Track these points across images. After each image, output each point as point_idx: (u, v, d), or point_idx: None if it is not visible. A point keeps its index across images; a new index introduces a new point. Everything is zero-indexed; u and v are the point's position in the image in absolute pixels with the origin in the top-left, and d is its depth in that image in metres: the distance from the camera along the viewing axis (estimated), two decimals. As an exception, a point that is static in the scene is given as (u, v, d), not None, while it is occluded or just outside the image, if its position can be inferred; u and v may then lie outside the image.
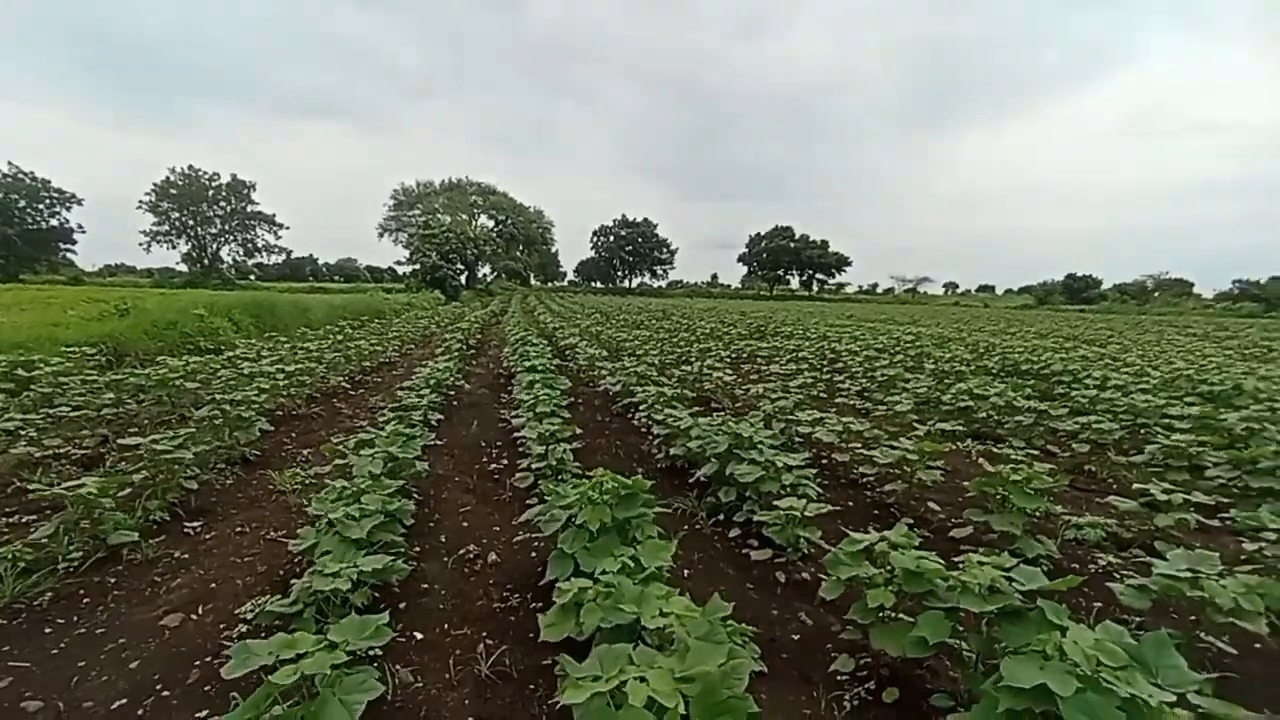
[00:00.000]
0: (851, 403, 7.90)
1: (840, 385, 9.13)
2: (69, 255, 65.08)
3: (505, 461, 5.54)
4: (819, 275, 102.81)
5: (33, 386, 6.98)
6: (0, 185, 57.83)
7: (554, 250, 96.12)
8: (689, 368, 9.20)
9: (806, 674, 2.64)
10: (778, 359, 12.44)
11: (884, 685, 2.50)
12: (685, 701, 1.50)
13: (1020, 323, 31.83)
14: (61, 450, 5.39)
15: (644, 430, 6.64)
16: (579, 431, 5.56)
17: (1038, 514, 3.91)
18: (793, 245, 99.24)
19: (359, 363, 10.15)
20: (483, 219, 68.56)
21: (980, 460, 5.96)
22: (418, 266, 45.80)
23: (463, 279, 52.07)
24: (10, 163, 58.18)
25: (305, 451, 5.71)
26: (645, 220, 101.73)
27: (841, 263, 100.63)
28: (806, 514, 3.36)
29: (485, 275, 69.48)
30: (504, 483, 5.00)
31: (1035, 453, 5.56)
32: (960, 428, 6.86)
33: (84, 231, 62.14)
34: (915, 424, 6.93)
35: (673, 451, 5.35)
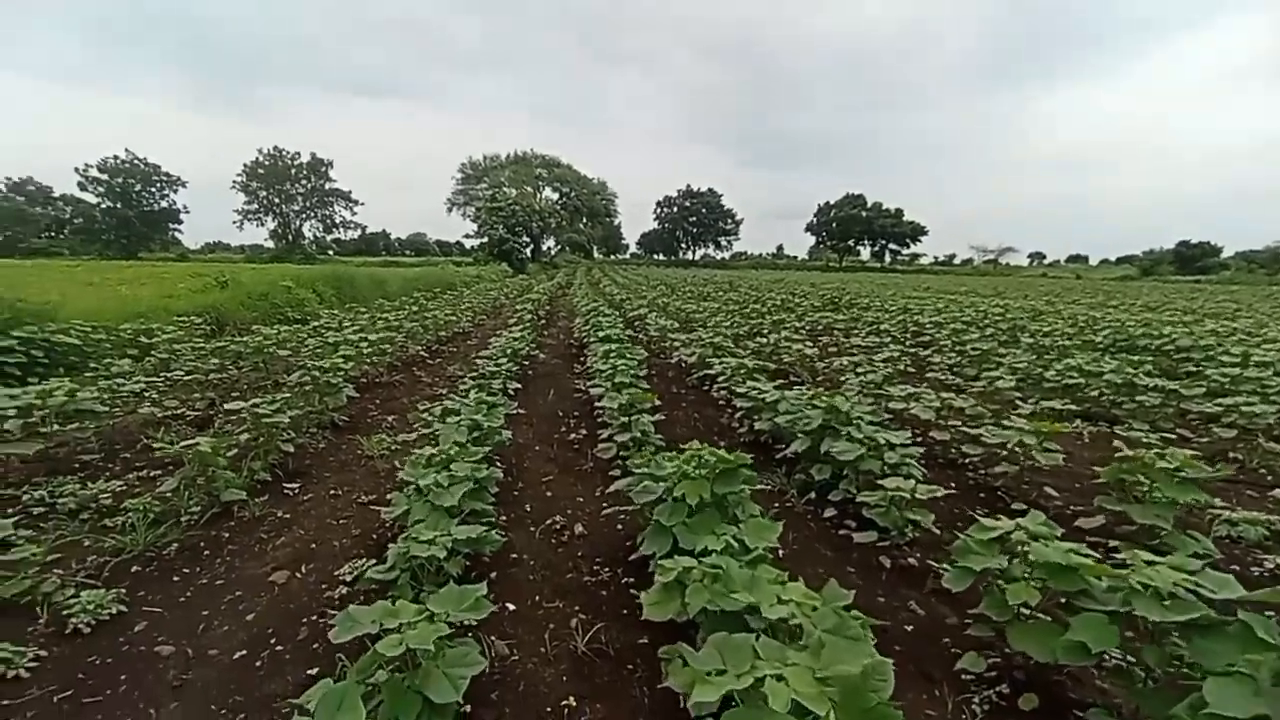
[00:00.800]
0: (943, 378, 7.38)
1: (929, 360, 8.56)
2: (176, 234, 71.10)
3: (584, 431, 5.50)
4: (892, 245, 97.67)
5: (152, 352, 7.57)
6: (120, 171, 63.53)
7: (617, 223, 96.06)
8: (763, 340, 8.87)
9: (926, 670, 2.41)
10: (856, 331, 11.84)
11: (1019, 690, 2.24)
12: (831, 705, 1.33)
13: (1122, 295, 29.01)
14: (178, 411, 5.80)
15: (723, 403, 6.44)
16: (657, 403, 5.43)
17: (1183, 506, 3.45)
18: (864, 214, 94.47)
19: (435, 332, 10.43)
20: (547, 192, 69.23)
21: (1090, 442, 5.41)
22: (485, 240, 46.85)
23: (528, 252, 52.97)
24: (127, 149, 63.65)
25: (390, 418, 5.89)
26: (710, 190, 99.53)
27: (917, 232, 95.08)
28: (917, 495, 3.08)
29: (550, 248, 70.39)
30: (585, 452, 4.96)
31: (1167, 437, 4.95)
32: (1070, 407, 6.24)
33: (188, 212, 67.49)
34: (1018, 402, 6.37)
35: (758, 426, 5.13)
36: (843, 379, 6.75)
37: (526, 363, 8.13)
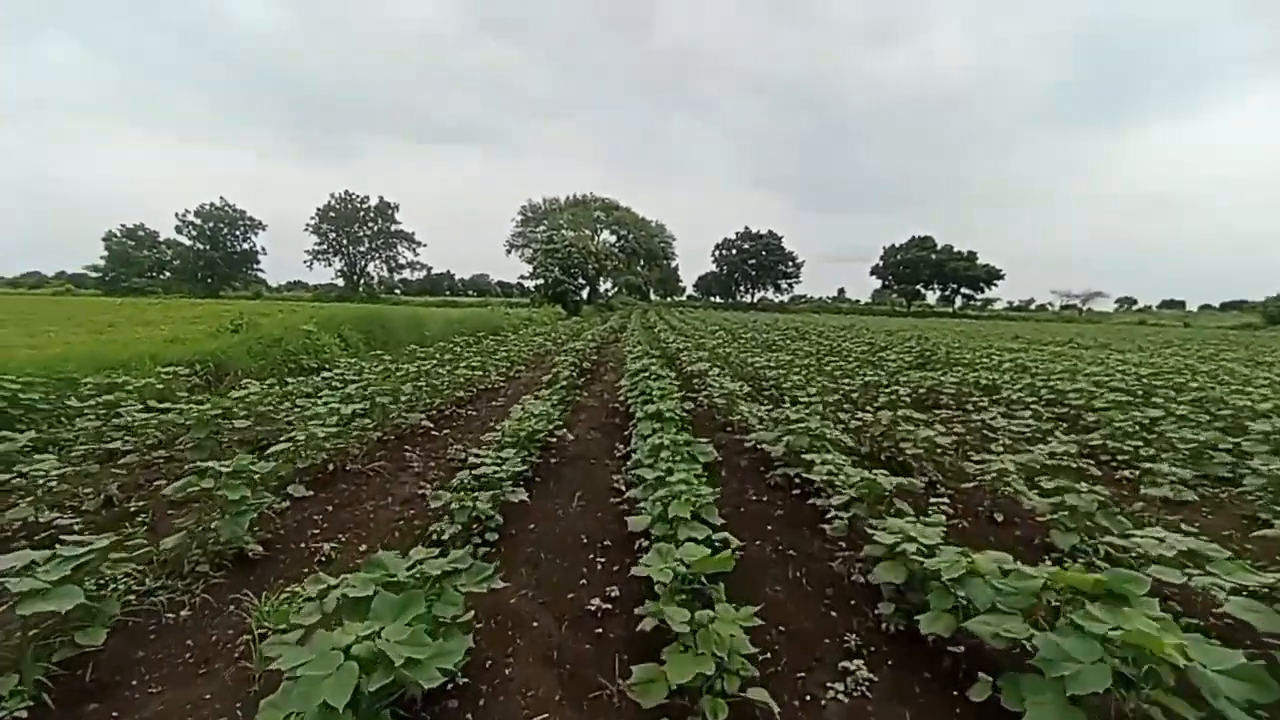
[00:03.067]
0: (1168, 493, 4.91)
1: (1114, 457, 6.04)
2: (258, 274, 75.37)
3: (616, 588, 3.41)
4: (965, 289, 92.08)
5: (119, 411, 6.15)
6: (212, 216, 68.49)
7: (674, 265, 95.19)
8: (867, 417, 6.60)
9: None
10: (970, 397, 9.33)
11: None
12: None
13: (1263, 348, 24.59)
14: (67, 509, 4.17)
15: (824, 512, 4.28)
16: (737, 544, 3.33)
17: None
18: (934, 257, 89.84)
19: (451, 392, 8.70)
20: (605, 234, 69.10)
21: None
22: (541, 281, 46.44)
23: (584, 294, 52.29)
24: (221, 197, 68.69)
25: (331, 543, 3.99)
26: (770, 232, 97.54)
27: (992, 276, 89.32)
28: None
29: (606, 290, 69.90)
30: (610, 636, 2.90)
31: None
32: None
33: (266, 254, 71.66)
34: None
35: (909, 598, 2.94)
36: (1007, 490, 4.42)
37: (553, 440, 6.17)
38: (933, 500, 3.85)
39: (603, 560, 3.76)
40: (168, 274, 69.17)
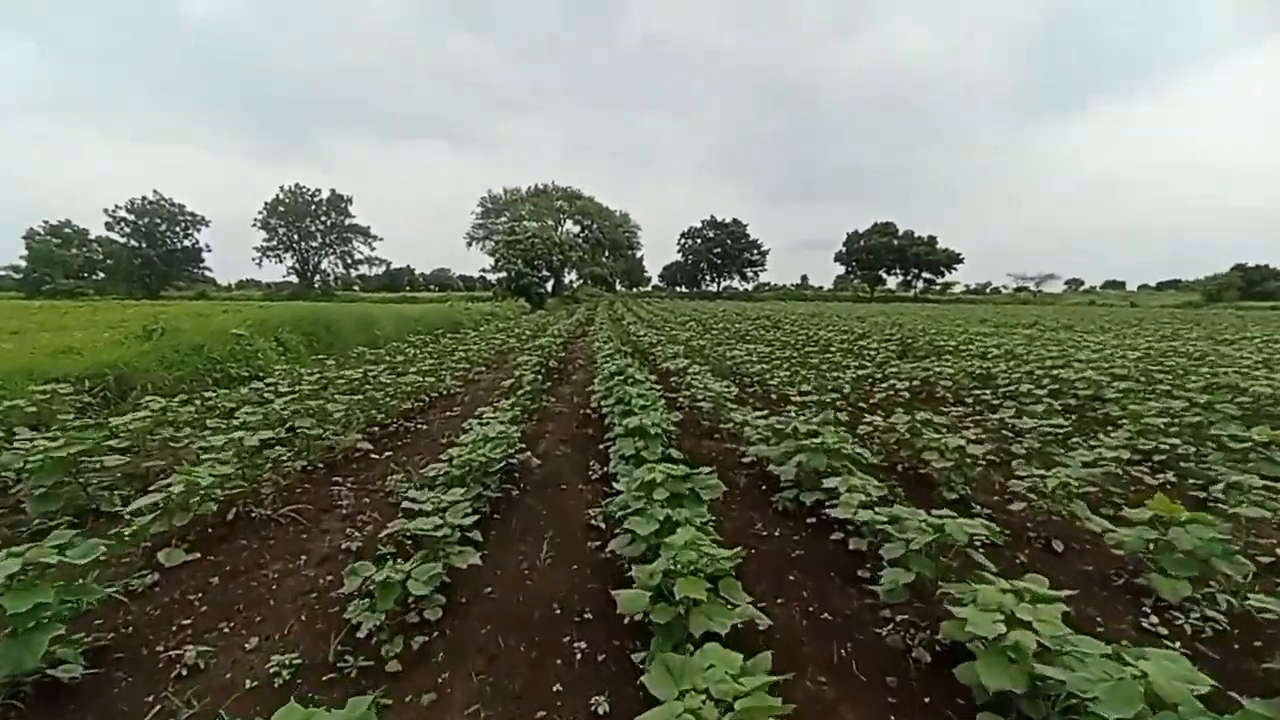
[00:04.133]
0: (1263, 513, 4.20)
1: (1146, 457, 5.36)
2: (205, 272, 70.69)
3: (605, 698, 2.44)
4: (926, 274, 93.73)
5: None
6: (146, 211, 63.95)
7: (639, 255, 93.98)
8: (876, 421, 5.78)
9: None
10: (973, 391, 8.67)
11: None
12: None
13: (1213, 325, 25.16)
14: None
15: (855, 553, 3.42)
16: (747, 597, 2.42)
17: None
18: (896, 243, 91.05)
19: (398, 404, 7.56)
20: (569, 224, 67.37)
21: None
22: (503, 274, 44.77)
23: (548, 286, 50.76)
24: (155, 190, 64.15)
25: (208, 637, 2.90)
26: (735, 221, 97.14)
27: (952, 260, 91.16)
28: None
29: (571, 282, 68.35)
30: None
31: None
32: None
33: (210, 250, 67.45)
34: None
35: (1023, 710, 2.08)
36: (1079, 521, 3.64)
37: (510, 471, 5.14)
38: (973, 518, 3.01)
39: (583, 647, 2.79)
40: (101, 274, 64.41)
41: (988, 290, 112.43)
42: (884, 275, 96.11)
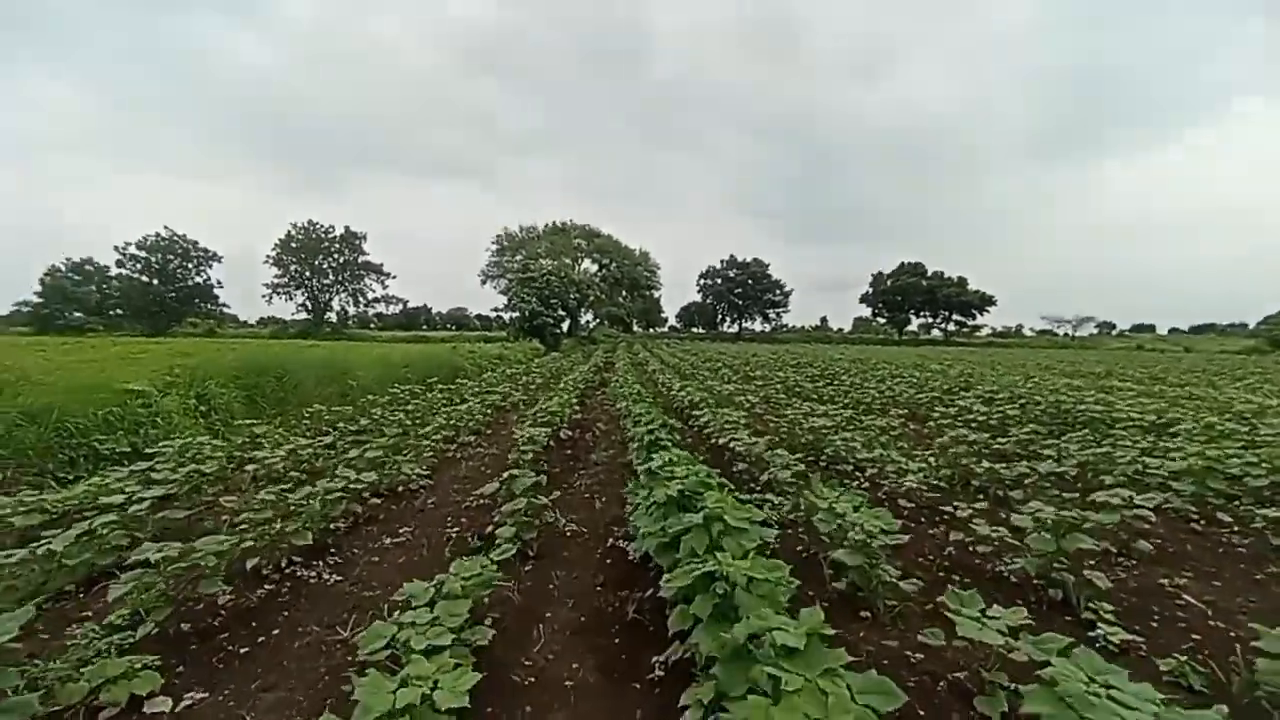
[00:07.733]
0: None
1: None
2: (221, 308, 69.57)
3: None
4: (957, 316, 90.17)
5: None
6: (158, 248, 63.47)
7: (658, 295, 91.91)
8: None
9: None
10: (1065, 459, 5.49)
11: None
12: None
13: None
14: None
15: None
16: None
17: None
18: (924, 283, 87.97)
19: (324, 509, 4.59)
20: (586, 263, 65.43)
21: None
22: (516, 314, 42.43)
23: (564, 326, 48.31)
24: (167, 226, 63.78)
25: None
26: (756, 260, 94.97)
27: (985, 302, 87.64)
28: None
29: (587, 322, 66.03)
30: None
31: None
32: None
33: (222, 286, 66.60)
34: None
35: None
36: None
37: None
38: None
39: None
40: (119, 311, 63.51)
41: (1022, 333, 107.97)
42: (908, 317, 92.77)
